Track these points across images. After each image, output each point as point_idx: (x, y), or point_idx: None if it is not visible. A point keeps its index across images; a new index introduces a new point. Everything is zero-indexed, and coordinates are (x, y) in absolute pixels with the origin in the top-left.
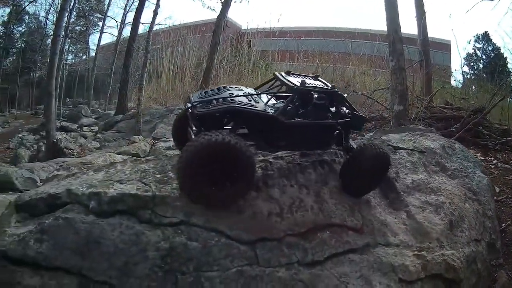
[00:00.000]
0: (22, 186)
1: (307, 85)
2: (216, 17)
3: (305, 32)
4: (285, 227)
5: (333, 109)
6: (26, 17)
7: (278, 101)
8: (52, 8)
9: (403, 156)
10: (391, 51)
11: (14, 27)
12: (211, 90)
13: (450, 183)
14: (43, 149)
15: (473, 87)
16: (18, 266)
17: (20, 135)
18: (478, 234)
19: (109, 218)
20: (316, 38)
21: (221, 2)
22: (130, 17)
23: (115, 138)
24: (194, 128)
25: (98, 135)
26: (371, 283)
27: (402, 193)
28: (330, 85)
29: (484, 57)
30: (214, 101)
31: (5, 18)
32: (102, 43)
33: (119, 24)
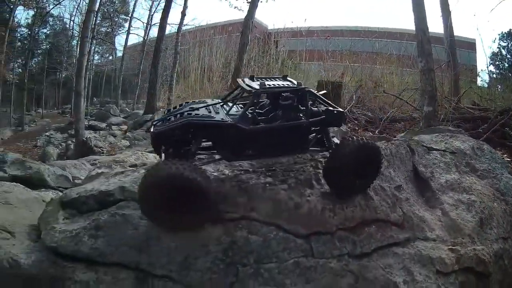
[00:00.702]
0: (54, 183)
1: (266, 86)
2: (243, 17)
3: (332, 31)
4: (337, 222)
5: (303, 108)
6: (51, 19)
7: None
8: (76, 11)
9: (436, 157)
10: (420, 51)
11: (39, 29)
12: (173, 107)
13: (480, 183)
14: (72, 147)
15: (499, 87)
16: (70, 262)
17: (47, 134)
18: (505, 232)
19: None
20: (344, 38)
21: (248, 2)
22: (156, 18)
23: (145, 137)
24: (162, 147)
25: (127, 133)
26: (412, 274)
27: (437, 191)
28: (296, 83)
29: (509, 56)
30: (172, 117)
31: (30, 21)
32: (128, 43)
33: (145, 25)
